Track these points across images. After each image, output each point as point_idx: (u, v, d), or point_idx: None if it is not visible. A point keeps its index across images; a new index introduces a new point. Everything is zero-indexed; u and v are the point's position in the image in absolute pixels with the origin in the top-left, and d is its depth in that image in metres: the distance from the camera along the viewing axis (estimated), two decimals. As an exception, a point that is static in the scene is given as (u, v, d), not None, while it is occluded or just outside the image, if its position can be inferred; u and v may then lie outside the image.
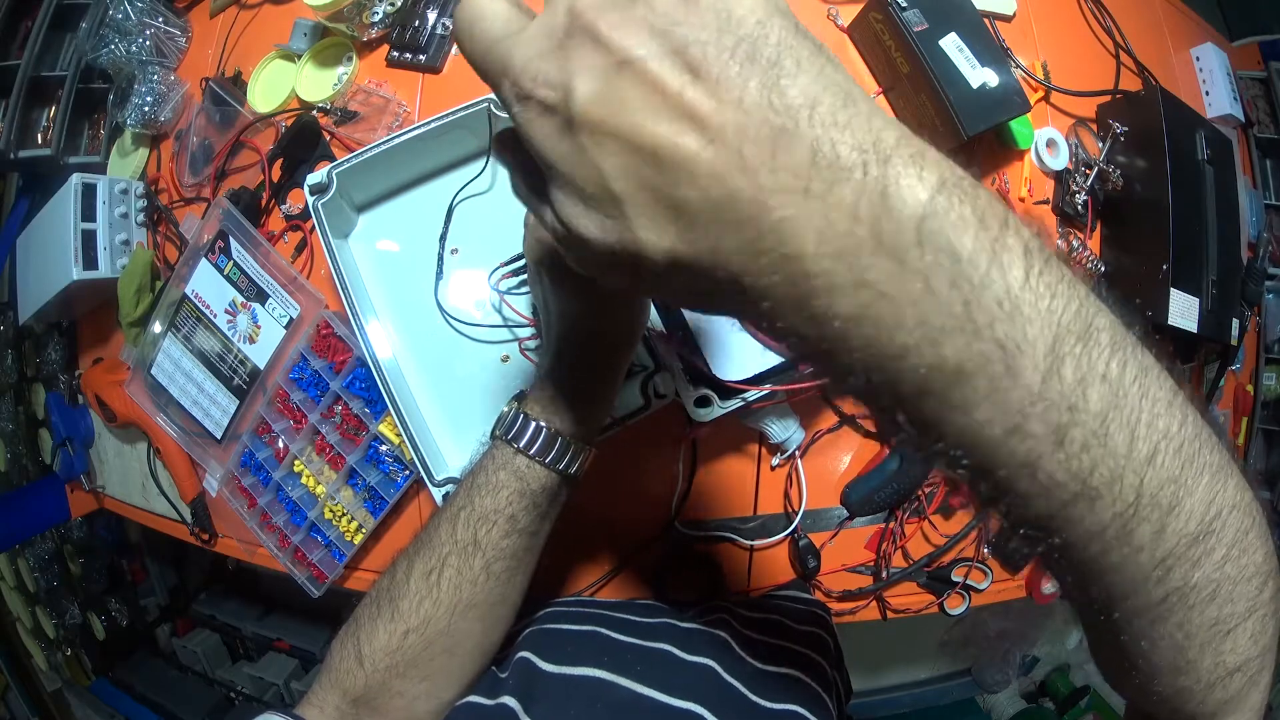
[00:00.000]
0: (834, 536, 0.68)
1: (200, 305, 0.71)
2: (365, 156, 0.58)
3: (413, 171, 0.63)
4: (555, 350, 0.41)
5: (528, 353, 0.60)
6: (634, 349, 0.42)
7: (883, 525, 0.68)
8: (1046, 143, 0.73)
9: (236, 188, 0.74)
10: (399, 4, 0.72)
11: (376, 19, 0.72)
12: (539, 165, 0.21)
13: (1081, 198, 0.73)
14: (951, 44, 0.64)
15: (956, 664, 1.44)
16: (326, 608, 0.72)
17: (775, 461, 0.66)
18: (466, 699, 0.41)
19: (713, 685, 0.42)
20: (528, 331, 0.60)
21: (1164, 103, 0.70)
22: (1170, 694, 0.22)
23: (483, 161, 0.62)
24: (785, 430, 0.63)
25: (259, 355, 0.69)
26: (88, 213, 0.76)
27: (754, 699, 0.42)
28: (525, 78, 0.20)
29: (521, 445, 0.40)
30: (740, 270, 0.18)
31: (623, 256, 0.20)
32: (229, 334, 0.70)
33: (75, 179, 0.76)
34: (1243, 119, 0.90)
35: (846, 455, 0.68)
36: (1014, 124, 0.70)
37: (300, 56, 0.76)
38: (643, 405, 0.55)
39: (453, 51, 0.73)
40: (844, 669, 0.57)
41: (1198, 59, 0.88)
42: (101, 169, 0.85)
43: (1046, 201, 0.74)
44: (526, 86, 0.20)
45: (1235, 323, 0.74)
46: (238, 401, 0.71)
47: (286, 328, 0.67)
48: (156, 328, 0.74)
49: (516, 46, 0.20)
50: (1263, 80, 0.94)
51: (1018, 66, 0.72)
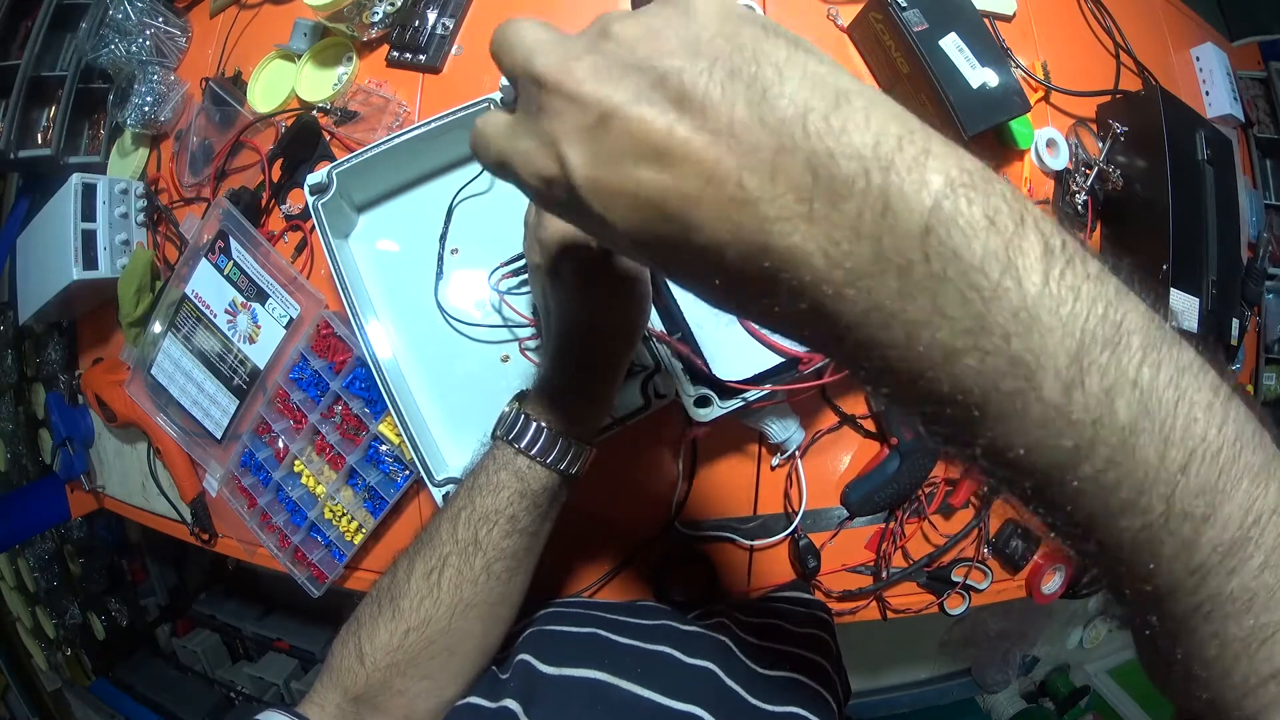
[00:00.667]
0: (834, 536, 0.68)
1: (200, 305, 0.71)
2: (365, 156, 0.58)
3: (413, 171, 0.63)
4: (555, 350, 0.41)
5: (528, 353, 0.60)
6: (634, 349, 0.43)
7: (883, 525, 0.68)
8: (1046, 143, 0.73)
9: (236, 188, 0.74)
10: (399, 4, 0.72)
11: (376, 19, 0.72)
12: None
13: (1081, 198, 0.73)
14: (951, 44, 0.64)
15: (956, 664, 1.44)
16: (326, 608, 0.72)
17: (775, 461, 0.66)
18: (468, 700, 0.41)
19: (713, 688, 0.42)
20: (528, 331, 0.60)
21: (1164, 103, 0.70)
22: (1207, 699, 0.21)
23: (483, 161, 0.62)
24: (785, 430, 0.63)
25: (259, 355, 0.69)
26: (88, 213, 0.76)
27: (754, 702, 0.42)
28: (522, 169, 0.20)
29: (523, 446, 0.40)
30: (759, 296, 0.18)
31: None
32: (229, 334, 0.70)
33: (75, 179, 0.76)
34: (1243, 119, 0.90)
35: (846, 455, 0.68)
36: (1014, 124, 0.70)
37: (300, 56, 0.76)
38: (643, 405, 0.55)
39: (453, 51, 0.73)
40: (843, 670, 0.57)
41: (1198, 59, 0.88)
42: (101, 169, 0.85)
43: (1046, 201, 0.74)
44: (526, 175, 0.20)
45: (1235, 323, 0.74)
46: (238, 401, 0.71)
47: (286, 328, 0.67)
48: (156, 328, 0.74)
49: (507, 138, 0.21)
50: (1263, 80, 0.94)
51: (1018, 66, 0.72)
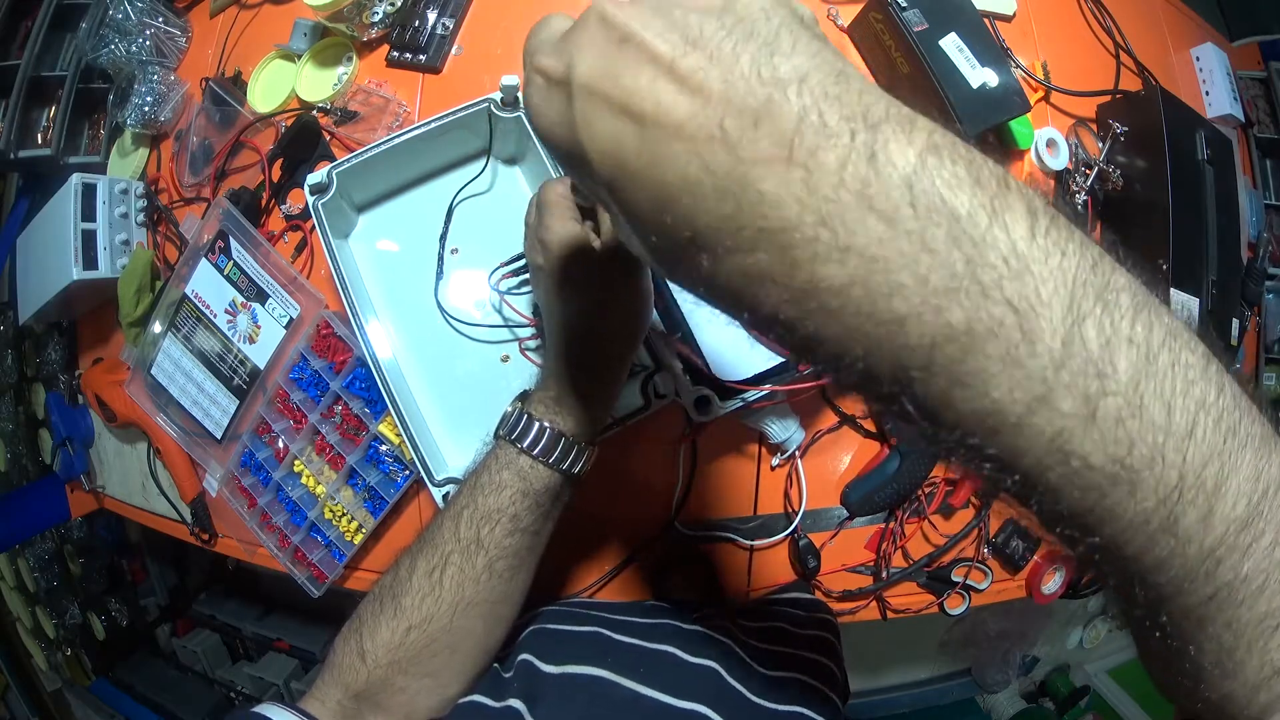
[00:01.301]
0: (834, 536, 0.68)
1: (200, 305, 0.71)
2: (365, 156, 0.58)
3: (413, 171, 0.63)
4: (557, 351, 0.41)
5: (528, 353, 0.60)
6: (636, 349, 0.43)
7: (883, 525, 0.68)
8: (1046, 143, 0.73)
9: (236, 188, 0.74)
10: (399, 4, 0.72)
11: (376, 19, 0.72)
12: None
13: (1081, 198, 0.73)
14: (951, 44, 0.64)
15: (956, 664, 1.44)
16: (326, 608, 0.72)
17: (775, 461, 0.66)
18: (472, 699, 0.41)
19: (716, 686, 0.42)
20: (528, 331, 0.60)
21: (1164, 103, 0.70)
22: (1216, 700, 0.20)
23: (483, 161, 0.62)
24: (785, 430, 0.63)
25: (259, 355, 0.69)
26: (88, 213, 0.76)
27: (758, 701, 0.42)
28: (535, 55, 0.21)
29: (525, 445, 0.40)
30: (721, 249, 0.18)
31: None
32: (229, 334, 0.70)
33: (75, 179, 0.76)
34: (1243, 119, 0.90)
35: (846, 455, 0.68)
36: (1014, 124, 0.70)
37: (300, 56, 0.76)
38: (643, 405, 0.55)
39: (453, 51, 0.73)
40: (844, 671, 0.57)
41: (1198, 59, 0.88)
42: (101, 169, 0.85)
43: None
44: (533, 63, 0.21)
45: (1235, 323, 0.74)
46: (238, 401, 0.71)
47: (286, 328, 0.67)
48: (156, 328, 0.74)
49: (538, 34, 0.21)
50: (1263, 80, 0.94)
51: (1018, 66, 0.72)
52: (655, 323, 0.53)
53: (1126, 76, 0.79)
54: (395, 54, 0.73)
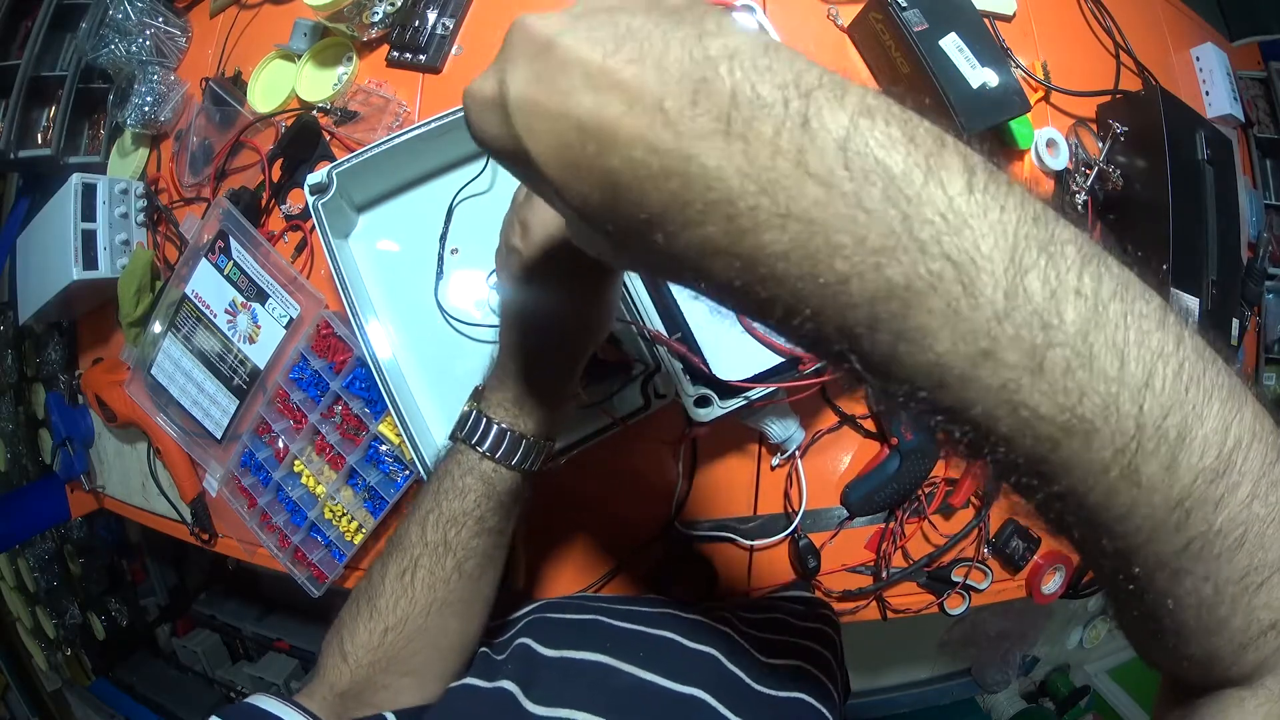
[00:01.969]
0: (834, 536, 0.68)
1: (200, 305, 0.71)
2: (365, 156, 0.57)
3: (413, 171, 0.63)
4: (517, 346, 0.40)
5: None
6: (597, 345, 0.42)
7: (883, 525, 0.68)
8: (1046, 143, 0.73)
9: (236, 188, 0.74)
10: (399, 4, 0.72)
11: (376, 19, 0.72)
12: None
13: (1081, 198, 0.73)
14: (951, 44, 0.64)
15: (956, 664, 1.44)
16: (326, 608, 0.71)
17: (775, 461, 0.66)
18: (465, 681, 0.41)
19: (716, 672, 0.43)
20: (528, 331, 0.60)
21: (1164, 103, 0.70)
22: (1201, 657, 0.20)
23: (483, 161, 0.62)
24: (785, 430, 0.63)
25: (259, 355, 0.69)
26: (88, 213, 0.76)
27: (758, 687, 0.43)
28: (473, 87, 0.21)
29: (486, 450, 0.40)
30: (673, 226, 0.18)
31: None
32: (229, 334, 0.70)
33: (75, 179, 0.76)
34: (1243, 119, 0.90)
35: (846, 455, 0.68)
36: (1014, 124, 0.70)
37: (300, 56, 0.76)
38: (643, 405, 0.55)
39: (453, 51, 0.73)
40: (844, 668, 0.57)
41: (1198, 59, 0.88)
42: (101, 169, 0.85)
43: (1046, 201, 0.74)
44: (467, 89, 0.21)
45: (1235, 323, 0.74)
46: (238, 401, 0.71)
47: (286, 328, 0.67)
48: (156, 328, 0.74)
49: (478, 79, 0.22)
50: (1263, 80, 0.94)
51: (1018, 66, 0.72)
52: (655, 323, 0.53)
53: (1126, 76, 0.79)
54: (395, 54, 0.73)
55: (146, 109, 0.79)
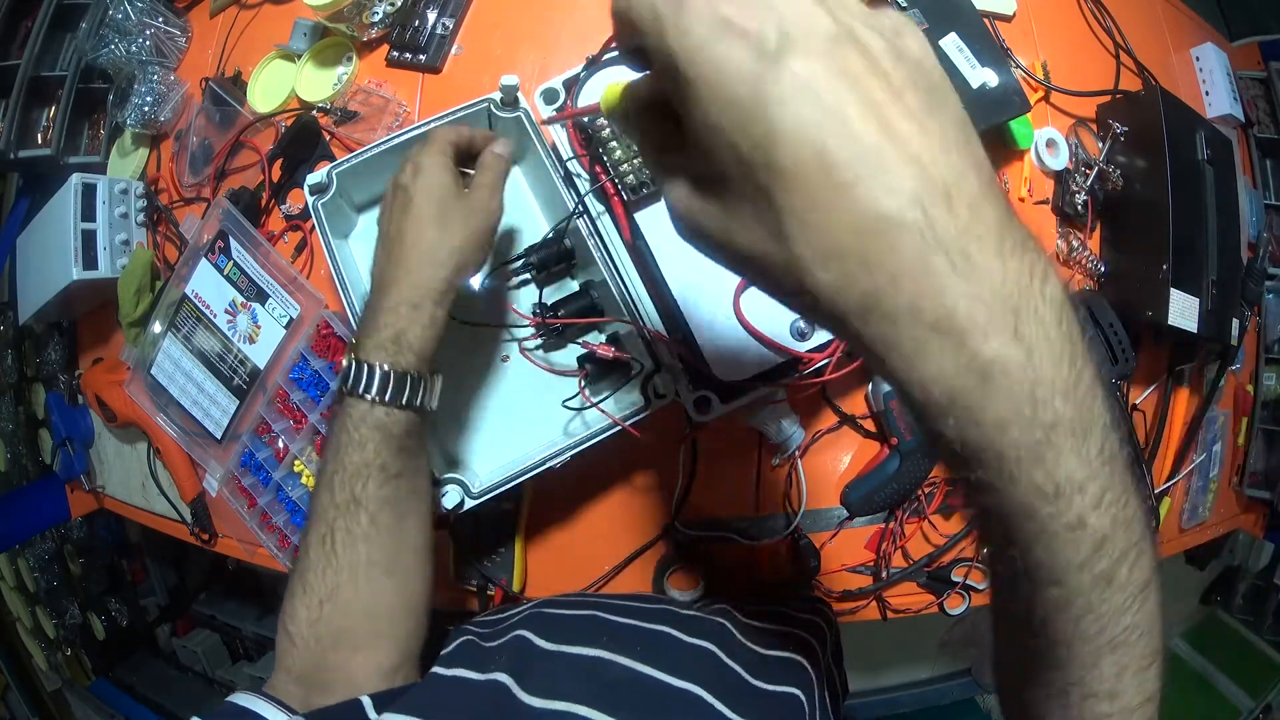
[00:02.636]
0: (834, 536, 0.68)
1: (200, 305, 0.71)
2: (365, 156, 0.57)
3: (413, 171, 0.63)
4: (389, 280, 0.43)
5: (528, 353, 0.60)
6: (472, 269, 0.47)
7: (883, 525, 0.68)
8: (1046, 143, 0.73)
9: (236, 188, 0.74)
10: (399, 4, 0.72)
11: (376, 19, 0.72)
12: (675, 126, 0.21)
13: (1081, 198, 0.73)
14: (951, 44, 0.64)
15: (956, 664, 1.44)
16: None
17: (775, 461, 0.66)
18: (455, 673, 0.40)
19: (712, 667, 0.43)
20: (528, 331, 0.60)
21: (1164, 103, 0.70)
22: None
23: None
24: (785, 430, 0.63)
25: (259, 355, 0.69)
26: (88, 213, 0.76)
27: (753, 681, 0.43)
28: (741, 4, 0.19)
29: (374, 395, 0.40)
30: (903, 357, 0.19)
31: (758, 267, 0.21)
32: (229, 334, 0.70)
33: (75, 179, 0.76)
34: (1243, 119, 0.90)
35: (846, 455, 0.68)
36: (1014, 124, 0.70)
37: (300, 56, 0.76)
38: (643, 405, 0.55)
39: (453, 51, 0.73)
40: (843, 667, 0.57)
41: (1198, 59, 0.88)
42: (101, 169, 0.85)
43: (1046, 201, 0.74)
44: (738, 12, 0.19)
45: (1235, 323, 0.74)
46: (238, 401, 0.71)
47: (286, 328, 0.67)
48: (156, 328, 0.74)
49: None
50: (1263, 80, 0.94)
51: (1018, 66, 0.72)
52: (655, 323, 0.53)
53: (1126, 76, 0.79)
54: (395, 54, 0.73)
55: (146, 109, 0.79)
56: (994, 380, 0.19)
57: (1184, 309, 0.68)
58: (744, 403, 0.53)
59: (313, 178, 0.57)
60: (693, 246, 0.24)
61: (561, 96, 0.55)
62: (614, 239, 0.54)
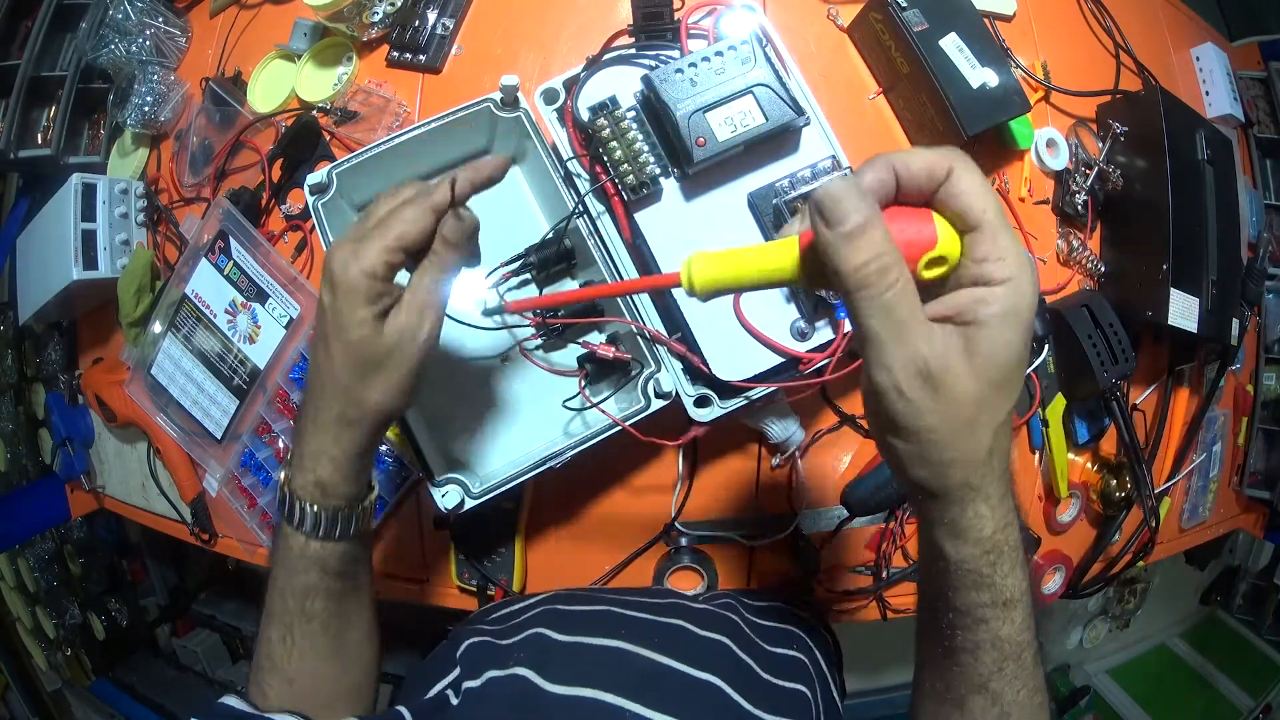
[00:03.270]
0: (834, 536, 0.68)
1: (200, 305, 0.71)
2: (365, 156, 0.57)
3: (413, 171, 0.63)
4: (318, 424, 0.39)
5: (528, 353, 0.60)
6: (386, 422, 0.41)
7: (883, 525, 0.68)
8: (1046, 143, 0.73)
9: (236, 188, 0.74)
10: (399, 4, 0.72)
11: (376, 19, 0.72)
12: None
13: (1081, 198, 0.73)
14: (951, 44, 0.64)
15: (956, 664, 1.44)
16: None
17: (775, 461, 0.66)
18: (484, 678, 0.41)
19: (727, 659, 0.43)
20: (528, 331, 0.60)
21: (1164, 103, 0.70)
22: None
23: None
24: (785, 430, 0.63)
25: (259, 355, 0.69)
26: (88, 213, 0.76)
27: (766, 676, 0.43)
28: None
29: (307, 531, 0.40)
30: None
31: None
32: (229, 334, 0.70)
33: (75, 179, 0.76)
34: (1243, 119, 0.90)
35: (846, 455, 0.68)
36: (1014, 124, 0.70)
37: (300, 56, 0.76)
38: (643, 405, 0.55)
39: (453, 51, 0.73)
40: (841, 673, 0.57)
41: (1198, 59, 0.88)
42: (101, 169, 0.85)
43: (1046, 201, 0.74)
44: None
45: (1235, 323, 0.74)
46: (238, 401, 0.71)
47: (286, 328, 0.67)
48: (156, 328, 0.74)
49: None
50: (1263, 80, 0.94)
51: (1018, 66, 0.72)
52: (655, 323, 0.53)
53: (1126, 76, 0.79)
54: (395, 54, 0.73)
55: (146, 109, 0.79)
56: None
57: (1184, 309, 0.68)
58: (744, 403, 0.53)
59: (313, 178, 0.57)
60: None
61: (561, 96, 0.55)
62: (614, 239, 0.54)
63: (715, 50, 0.51)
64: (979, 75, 0.63)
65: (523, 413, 0.59)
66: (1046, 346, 0.70)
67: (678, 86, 0.50)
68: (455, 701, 0.40)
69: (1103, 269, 0.74)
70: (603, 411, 0.52)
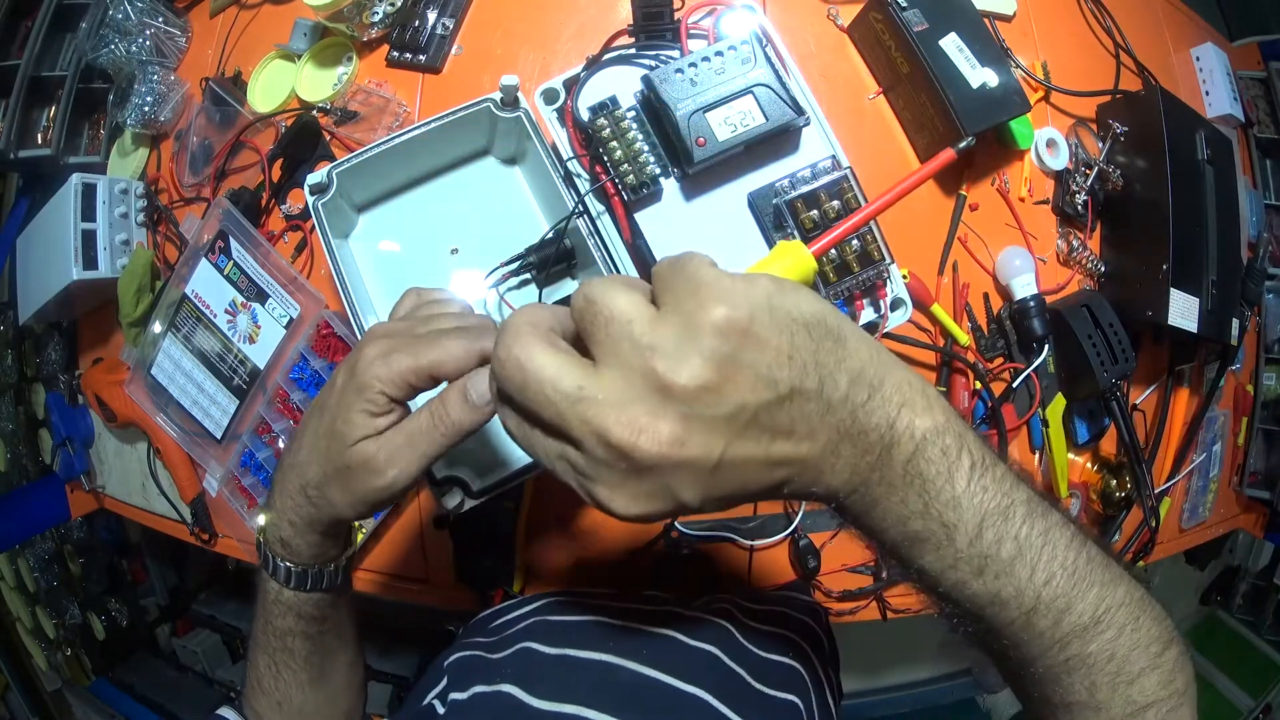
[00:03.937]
0: (834, 536, 0.68)
1: (200, 305, 0.71)
2: (365, 156, 0.57)
3: (413, 171, 0.63)
4: (286, 483, 0.38)
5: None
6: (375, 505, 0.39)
7: (883, 525, 0.68)
8: (1046, 143, 0.73)
9: (236, 188, 0.74)
10: (399, 4, 0.72)
11: (376, 19, 0.72)
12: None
13: (1081, 198, 0.73)
14: (951, 44, 0.64)
15: (956, 664, 1.44)
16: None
17: (775, 461, 0.66)
18: (471, 693, 0.41)
19: (717, 671, 0.43)
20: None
21: (1164, 103, 0.70)
22: None
23: (483, 162, 0.62)
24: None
25: (259, 355, 0.69)
26: (88, 213, 0.76)
27: (757, 686, 0.43)
28: (626, 431, 0.24)
29: (282, 582, 0.40)
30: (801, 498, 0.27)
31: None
32: (229, 334, 0.70)
33: (75, 179, 0.76)
34: (1243, 119, 0.90)
35: (846, 455, 0.68)
36: (1014, 124, 0.70)
37: (300, 56, 0.76)
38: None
39: (453, 51, 0.73)
40: (838, 674, 0.57)
41: (1198, 59, 0.88)
42: (101, 169, 0.85)
43: (1046, 201, 0.74)
44: (628, 439, 0.24)
45: (1235, 323, 0.74)
46: (238, 401, 0.71)
47: (286, 328, 0.67)
48: (156, 328, 0.74)
49: (603, 403, 0.24)
50: (1263, 80, 0.94)
51: (1018, 66, 0.72)
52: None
53: (1126, 76, 0.79)
54: (395, 54, 0.73)
55: (146, 109, 0.79)
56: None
57: (1184, 309, 0.68)
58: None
59: (313, 178, 0.57)
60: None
61: (561, 96, 0.55)
62: (614, 239, 0.54)
63: (715, 50, 0.51)
64: (979, 75, 0.63)
65: (523, 413, 0.59)
66: (1047, 346, 0.70)
67: (678, 86, 0.50)
68: (441, 711, 0.41)
69: (1103, 269, 0.74)
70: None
